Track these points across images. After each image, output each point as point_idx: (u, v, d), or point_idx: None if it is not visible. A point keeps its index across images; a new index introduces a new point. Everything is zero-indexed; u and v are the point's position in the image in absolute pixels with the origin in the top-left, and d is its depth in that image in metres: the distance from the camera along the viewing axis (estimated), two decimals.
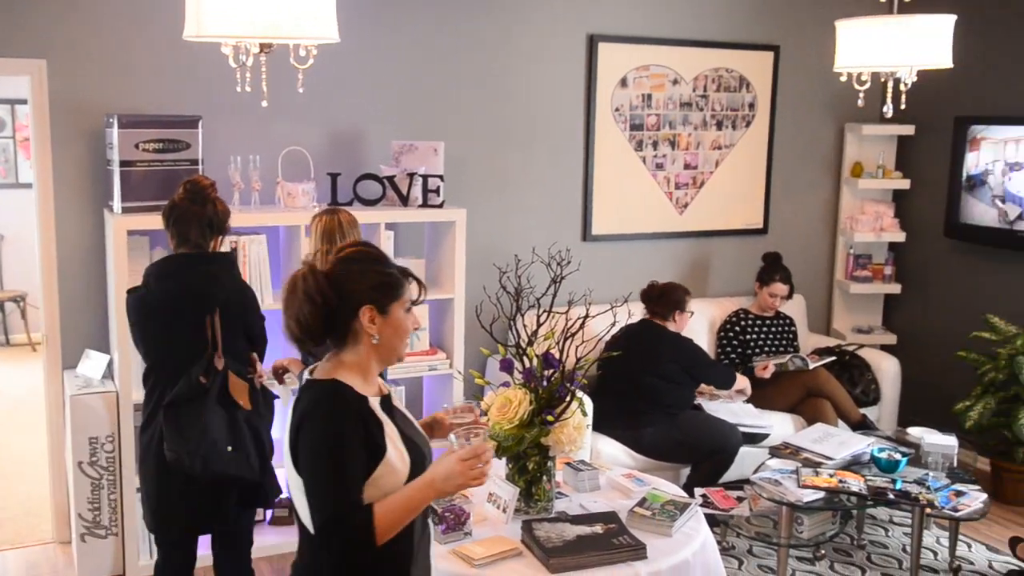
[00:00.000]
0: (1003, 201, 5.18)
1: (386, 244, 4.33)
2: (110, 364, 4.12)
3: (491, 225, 4.95)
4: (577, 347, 3.06)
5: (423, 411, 4.87)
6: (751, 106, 5.58)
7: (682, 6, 5.29)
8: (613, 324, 3.27)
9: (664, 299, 4.69)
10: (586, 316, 3.05)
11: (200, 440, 2.96)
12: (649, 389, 4.53)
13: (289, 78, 3.08)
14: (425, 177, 4.41)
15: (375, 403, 2.06)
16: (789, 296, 5.31)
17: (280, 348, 4.24)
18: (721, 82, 5.46)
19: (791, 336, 5.33)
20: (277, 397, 3.32)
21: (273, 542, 4.28)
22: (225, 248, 3.26)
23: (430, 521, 2.36)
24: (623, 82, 5.20)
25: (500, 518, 2.99)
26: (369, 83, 4.62)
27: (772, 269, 5.27)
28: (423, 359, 4.48)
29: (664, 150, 5.39)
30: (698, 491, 4.23)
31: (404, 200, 4.39)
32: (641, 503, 3.08)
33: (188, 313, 2.99)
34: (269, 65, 3.06)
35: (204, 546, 3.30)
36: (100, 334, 4.27)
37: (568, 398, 2.96)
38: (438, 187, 4.43)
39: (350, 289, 2.01)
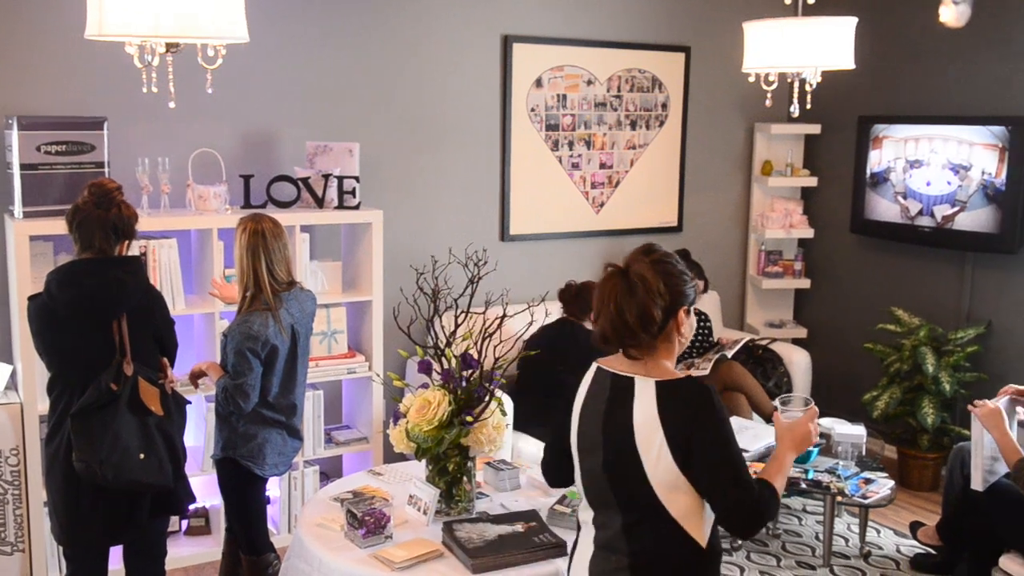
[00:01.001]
0: (905, 197, 5.37)
1: (301, 247, 4.27)
2: (13, 374, 3.97)
3: (408, 226, 4.93)
4: (495, 347, 3.07)
5: (342, 417, 4.83)
6: (664, 106, 5.67)
7: (595, 7, 5.34)
8: (531, 323, 3.29)
9: (580, 299, 4.73)
10: (503, 316, 3.06)
11: (111, 448, 2.89)
12: (567, 387, 4.54)
13: (198, 78, 3.02)
14: (340, 178, 4.36)
15: None
16: (703, 291, 5.41)
17: (194, 353, 4.15)
18: (634, 82, 5.54)
19: (706, 331, 5.43)
20: (189, 402, 3.25)
21: (188, 552, 4.19)
22: (134, 253, 3.18)
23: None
24: (538, 82, 5.23)
25: (421, 520, 2.98)
26: (282, 83, 4.55)
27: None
28: (341, 362, 4.44)
29: (580, 150, 5.44)
30: None
31: (319, 202, 4.34)
32: (561, 500, 3.10)
33: (93, 319, 2.91)
34: (176, 65, 2.99)
35: (115, 558, 3.21)
36: (2, 344, 4.11)
37: (487, 398, 2.97)
38: (354, 188, 4.39)
39: (676, 290, 2.14)
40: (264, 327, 3.20)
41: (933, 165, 5.19)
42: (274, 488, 4.26)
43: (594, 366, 2.29)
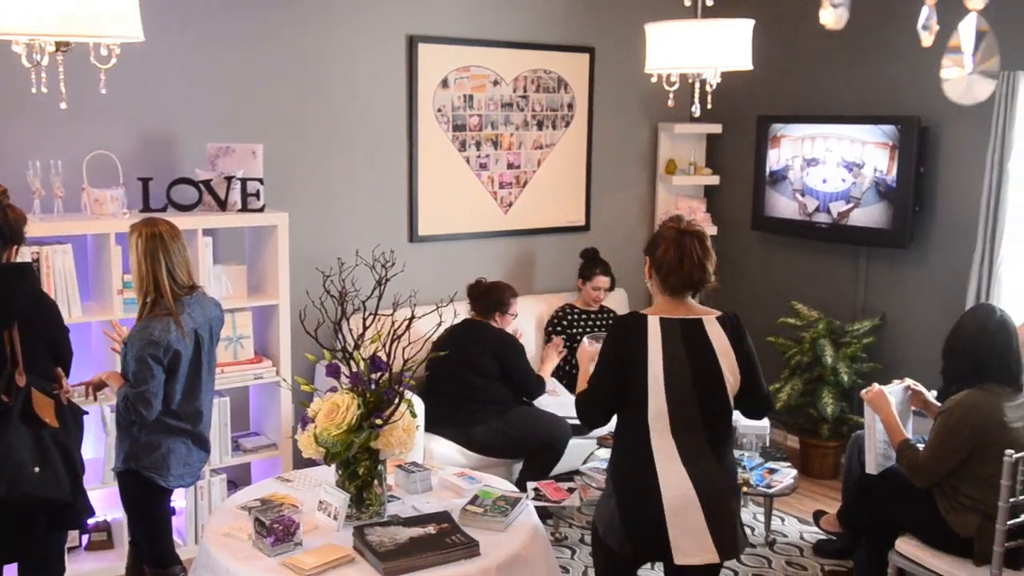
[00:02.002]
0: (803, 195, 5.54)
1: (204, 251, 4.17)
2: None
3: (315, 228, 4.86)
4: (404, 349, 3.05)
5: (250, 423, 4.74)
6: (570, 106, 5.73)
7: (500, 8, 5.36)
8: (439, 324, 3.28)
9: (487, 298, 4.74)
10: (412, 317, 3.04)
11: (4, 462, 2.78)
12: (475, 387, 4.57)
13: (92, 78, 2.92)
14: (244, 181, 4.28)
15: None
16: (611, 288, 5.48)
17: (91, 362, 4.01)
18: (540, 83, 5.58)
19: None
20: (86, 413, 3.14)
21: (90, 568, 4.04)
22: (25, 259, 3.06)
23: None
24: (444, 83, 5.22)
25: (331, 525, 2.95)
26: (181, 84, 4.44)
27: (592, 264, 5.44)
28: (248, 368, 4.35)
29: (487, 150, 5.45)
30: (530, 485, 4.31)
31: (222, 205, 4.25)
32: (473, 500, 3.10)
33: None
34: (68, 64, 2.89)
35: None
36: None
37: (397, 400, 2.95)
38: (258, 191, 4.31)
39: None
40: (165, 332, 3.11)
41: (829, 163, 5.37)
42: (180, 499, 4.15)
43: (654, 319, 2.80)
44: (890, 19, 5.04)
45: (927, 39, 1.26)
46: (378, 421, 2.91)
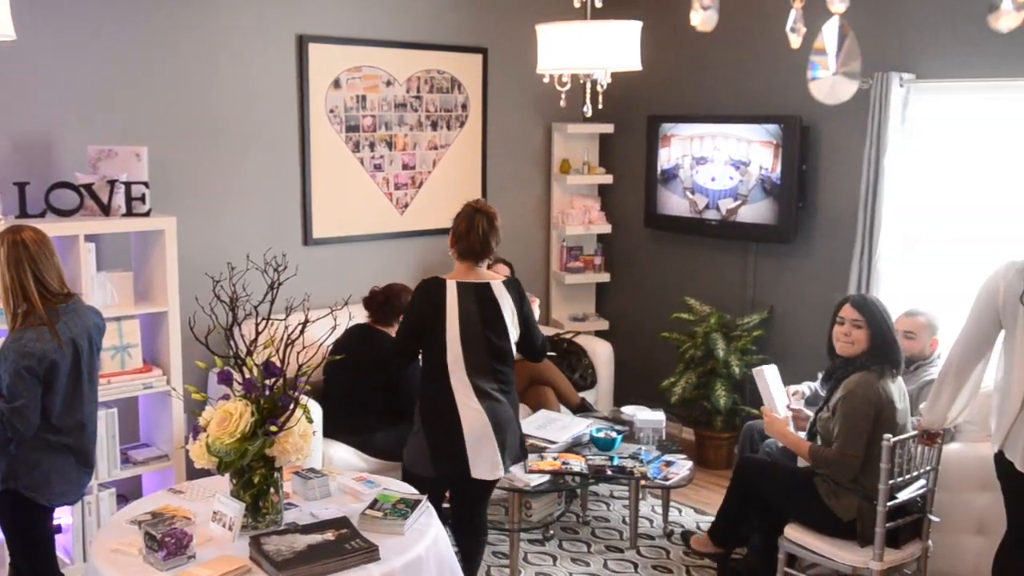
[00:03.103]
0: (692, 192, 5.67)
1: (87, 257, 4.02)
2: None
3: (204, 233, 4.74)
4: (299, 353, 3.00)
5: (140, 434, 4.59)
6: (464, 107, 5.73)
7: (392, 8, 5.33)
8: (334, 328, 3.24)
9: (385, 308, 4.67)
10: (306, 322, 2.99)
11: None
12: (373, 392, 4.52)
13: None
14: (128, 184, 4.14)
15: None
16: None
17: None
18: (434, 83, 5.57)
19: None
20: None
21: None
22: None
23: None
24: (336, 83, 5.16)
25: (227, 536, 2.88)
26: (59, 84, 4.26)
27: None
28: (136, 377, 4.21)
29: (382, 151, 5.41)
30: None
31: (105, 209, 4.10)
32: (372, 505, 3.08)
33: None
34: None
35: None
36: None
37: (292, 406, 2.90)
38: (143, 195, 4.18)
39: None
40: (40, 343, 2.98)
41: (717, 161, 5.51)
42: (66, 515, 3.99)
43: (452, 282, 3.45)
44: (768, 21, 5.20)
45: (795, 41, 1.31)
46: (273, 428, 2.85)
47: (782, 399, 4.08)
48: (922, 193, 4.79)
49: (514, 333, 3.54)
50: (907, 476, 3.49)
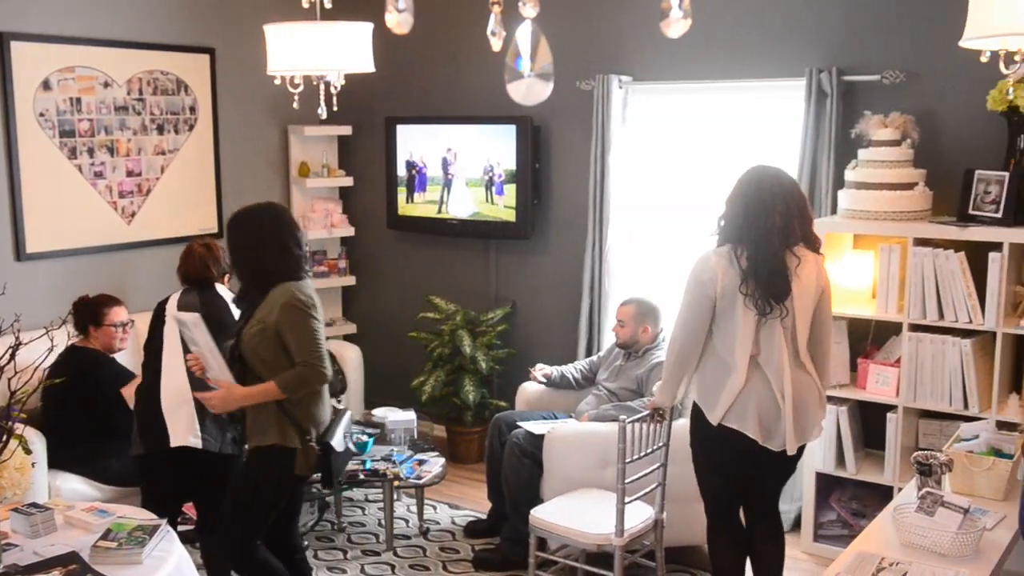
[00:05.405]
0: (432, 192, 5.74)
1: None
2: None
3: None
4: (11, 379, 2.75)
5: None
6: (192, 109, 5.47)
7: (107, 5, 4.99)
8: (50, 350, 2.98)
9: (77, 317, 4.28)
10: (17, 345, 2.74)
11: None
12: (101, 417, 4.21)
13: None
14: None
15: None
16: None
17: None
18: (157, 85, 5.27)
19: None
20: None
21: None
22: None
23: None
24: (46, 85, 4.76)
25: None
26: None
27: None
28: None
29: (103, 157, 5.06)
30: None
31: None
32: (105, 535, 2.88)
33: None
34: None
35: None
36: None
37: (5, 438, 2.65)
38: None
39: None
40: None
41: (455, 162, 5.61)
42: None
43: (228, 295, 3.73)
44: (478, 23, 5.35)
45: (496, 44, 1.35)
46: None
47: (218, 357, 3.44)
48: (641, 191, 5.12)
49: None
50: (644, 453, 3.71)
